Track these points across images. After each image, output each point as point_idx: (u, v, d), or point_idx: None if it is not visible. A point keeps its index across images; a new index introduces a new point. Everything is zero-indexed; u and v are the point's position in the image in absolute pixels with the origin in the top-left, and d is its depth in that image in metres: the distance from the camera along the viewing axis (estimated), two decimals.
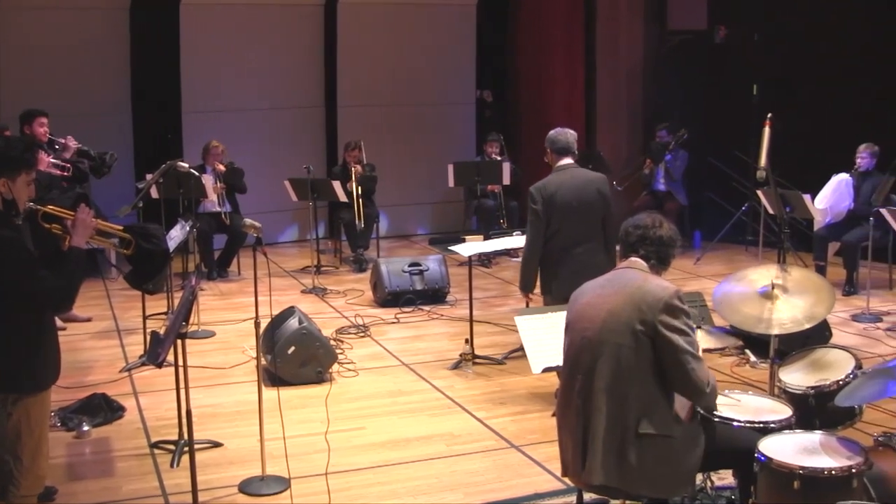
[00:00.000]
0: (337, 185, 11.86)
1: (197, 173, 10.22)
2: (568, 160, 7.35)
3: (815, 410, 5.09)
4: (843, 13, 12.48)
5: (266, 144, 13.74)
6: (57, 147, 9.46)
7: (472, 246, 8.80)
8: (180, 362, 5.76)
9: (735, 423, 4.77)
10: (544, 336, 6.17)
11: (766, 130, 6.13)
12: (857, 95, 12.48)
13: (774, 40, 13.52)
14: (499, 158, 13.16)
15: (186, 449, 5.67)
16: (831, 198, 10.80)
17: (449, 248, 9.16)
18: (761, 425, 4.76)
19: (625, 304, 4.43)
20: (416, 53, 14.61)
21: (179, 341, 5.52)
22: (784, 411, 4.94)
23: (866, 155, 10.74)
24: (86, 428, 6.72)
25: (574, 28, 14.80)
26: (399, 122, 14.62)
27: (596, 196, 7.25)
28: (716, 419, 4.74)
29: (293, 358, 7.75)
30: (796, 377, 5.31)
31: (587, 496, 5.25)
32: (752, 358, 8.20)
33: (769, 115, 6.15)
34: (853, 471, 4.27)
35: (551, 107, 14.76)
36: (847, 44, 12.54)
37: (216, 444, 6.56)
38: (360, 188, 12.31)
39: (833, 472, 4.26)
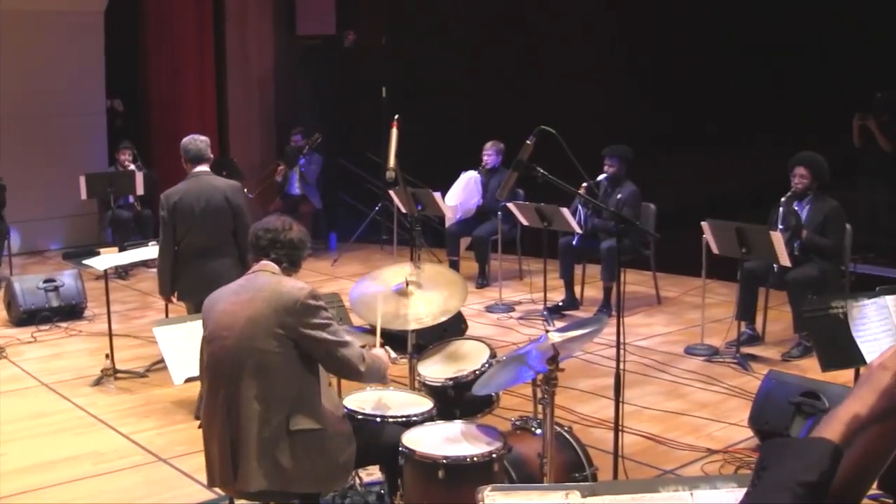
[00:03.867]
0: None
1: None
2: (202, 167, 7.39)
3: (454, 401, 5.26)
4: (463, 16, 12.99)
5: None
6: None
7: (108, 259, 8.56)
8: None
9: (377, 419, 4.87)
10: (184, 345, 6.09)
11: (394, 131, 6.26)
12: (482, 94, 13.03)
13: (401, 44, 13.93)
14: (132, 168, 12.84)
15: None
16: (461, 195, 11.20)
17: (83, 262, 8.89)
18: (403, 419, 4.88)
19: (262, 309, 4.43)
20: (42, 64, 13.92)
21: None
22: (425, 404, 5.09)
23: (492, 152, 11.20)
24: None
25: (204, 35, 14.70)
26: (26, 134, 13.85)
27: (223, 204, 7.27)
28: (359, 416, 4.83)
29: None
30: (435, 370, 5.49)
31: (239, 503, 5.24)
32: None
33: (396, 116, 6.30)
34: (494, 456, 4.43)
35: (183, 114, 14.57)
36: (468, 45, 13.07)
37: None
38: None
39: (475, 459, 4.41)
